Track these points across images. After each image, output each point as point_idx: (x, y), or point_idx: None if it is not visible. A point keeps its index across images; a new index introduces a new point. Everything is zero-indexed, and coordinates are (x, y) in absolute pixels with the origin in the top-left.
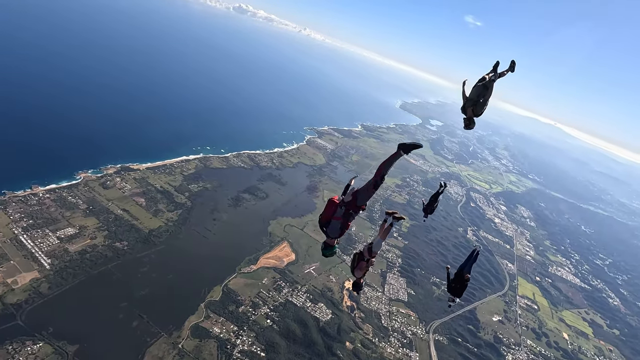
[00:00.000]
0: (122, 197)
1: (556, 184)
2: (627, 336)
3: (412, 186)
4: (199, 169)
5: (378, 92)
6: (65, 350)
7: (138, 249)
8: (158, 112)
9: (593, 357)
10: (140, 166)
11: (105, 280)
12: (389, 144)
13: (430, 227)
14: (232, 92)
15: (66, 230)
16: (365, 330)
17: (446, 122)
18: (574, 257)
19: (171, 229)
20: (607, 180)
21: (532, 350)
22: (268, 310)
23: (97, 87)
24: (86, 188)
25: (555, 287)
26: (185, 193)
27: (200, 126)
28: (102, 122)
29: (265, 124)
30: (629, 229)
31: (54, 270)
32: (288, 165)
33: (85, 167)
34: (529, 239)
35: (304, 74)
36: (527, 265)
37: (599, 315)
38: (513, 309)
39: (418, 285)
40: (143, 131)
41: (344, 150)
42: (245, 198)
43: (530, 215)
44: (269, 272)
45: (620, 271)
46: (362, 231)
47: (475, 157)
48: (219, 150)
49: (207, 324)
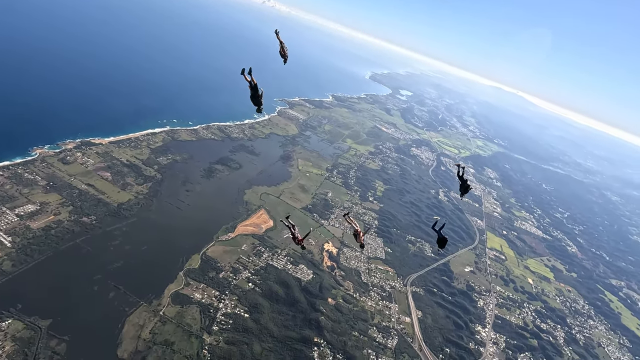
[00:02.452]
0: (85, 172)
1: (519, 147)
2: (584, 278)
3: (385, 153)
4: (167, 142)
5: (347, 64)
6: (38, 325)
7: (108, 223)
8: (120, 85)
9: (554, 297)
10: (103, 140)
11: (75, 254)
12: (361, 113)
13: (404, 190)
14: (198, 65)
15: (26, 207)
16: (346, 287)
17: (415, 92)
18: (537, 212)
19: (142, 201)
20: (565, 143)
21: (500, 295)
22: (249, 275)
23: (50, 58)
24: (44, 164)
25: (520, 239)
26: (154, 166)
27: (165, 99)
28: (58, 95)
29: (234, 96)
30: (584, 185)
31: (17, 248)
32: (260, 136)
33: (40, 143)
34: (495, 197)
35: (270, 46)
36: (494, 221)
37: (559, 262)
38: (483, 260)
39: (394, 243)
40: (104, 104)
41: (316, 120)
42: (218, 169)
43: (496, 176)
44: (248, 239)
45: (577, 223)
46: (339, 197)
47: (444, 125)
48: (186, 123)
49: (187, 291)
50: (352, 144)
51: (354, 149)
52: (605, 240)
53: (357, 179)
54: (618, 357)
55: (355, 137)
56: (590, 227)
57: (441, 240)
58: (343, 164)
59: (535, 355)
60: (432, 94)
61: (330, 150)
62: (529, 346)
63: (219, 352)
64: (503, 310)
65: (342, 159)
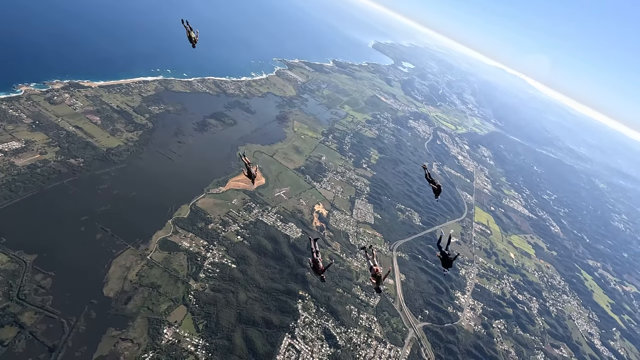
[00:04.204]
0: (73, 114)
1: (515, 129)
2: (563, 256)
3: (382, 122)
4: (159, 92)
5: (351, 30)
6: (23, 259)
7: (95, 166)
8: (112, 26)
9: (533, 272)
10: (92, 84)
11: (62, 195)
12: (361, 81)
13: (399, 160)
14: (195, 16)
15: (10, 143)
16: (334, 247)
17: (418, 65)
18: (525, 192)
19: (132, 148)
20: (560, 128)
21: (482, 266)
22: (238, 228)
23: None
24: (29, 102)
25: (507, 216)
26: (145, 114)
27: (159, 48)
28: (45, 33)
29: (232, 51)
30: (574, 171)
31: (1, 183)
32: (257, 94)
33: (26, 80)
34: (487, 175)
35: (274, 5)
36: (483, 197)
37: (542, 240)
38: (469, 232)
39: (384, 210)
40: (95, 46)
41: (314, 83)
42: (211, 123)
43: (490, 155)
44: (239, 194)
45: (563, 205)
46: (332, 161)
47: (443, 100)
48: (180, 74)
49: (175, 239)
50: (349, 110)
51: (352, 115)
52: (587, 224)
53: (352, 145)
54: (586, 329)
55: (354, 105)
56: (575, 210)
57: (447, 261)
58: (339, 129)
59: (509, 322)
60: (434, 68)
61: (327, 115)
62: (504, 314)
63: (205, 297)
64: (483, 280)
65: (338, 125)
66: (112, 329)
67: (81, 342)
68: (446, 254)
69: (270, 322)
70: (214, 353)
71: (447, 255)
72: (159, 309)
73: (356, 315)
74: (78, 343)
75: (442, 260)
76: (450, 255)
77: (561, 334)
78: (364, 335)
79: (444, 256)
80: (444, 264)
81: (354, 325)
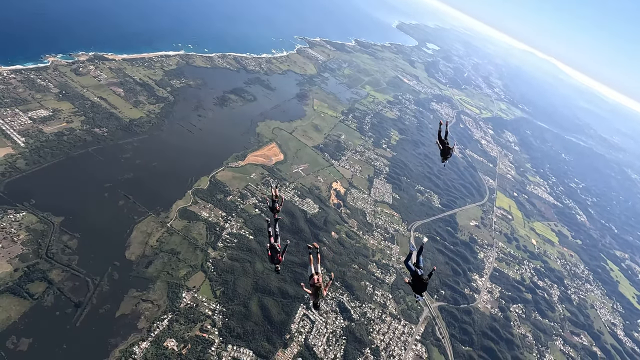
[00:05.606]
0: (97, 85)
1: (544, 115)
2: (588, 245)
3: (404, 104)
4: (180, 66)
5: (374, 10)
6: (51, 221)
7: (119, 136)
8: (135, 1)
9: (555, 259)
10: (116, 56)
11: (87, 162)
12: (383, 62)
13: (419, 142)
14: None
15: (38, 111)
16: (351, 224)
17: (443, 47)
18: (551, 180)
19: (153, 120)
20: (592, 116)
21: (502, 250)
22: (256, 201)
23: None
24: (56, 72)
25: (530, 202)
26: (167, 88)
27: (182, 23)
28: (72, 5)
29: (254, 28)
30: (605, 160)
31: (30, 149)
32: (277, 71)
33: (52, 51)
34: (511, 160)
35: None
36: (506, 183)
37: (566, 228)
38: (490, 217)
39: (403, 191)
40: (119, 19)
41: (335, 62)
42: (231, 99)
43: (515, 141)
44: (257, 169)
45: (591, 194)
46: (352, 140)
47: (468, 84)
48: (202, 50)
49: (195, 209)
50: (370, 90)
51: (373, 96)
52: (616, 214)
53: (372, 125)
54: (609, 319)
55: (375, 85)
56: (604, 200)
57: (420, 284)
58: (360, 109)
59: (527, 307)
60: (460, 51)
61: (347, 95)
62: (522, 299)
63: (222, 266)
64: (502, 265)
65: (359, 105)
66: (133, 290)
67: (105, 301)
68: (419, 275)
69: (285, 292)
70: (230, 318)
71: (420, 276)
72: (178, 274)
73: (371, 292)
74: (102, 301)
75: (412, 284)
76: (423, 276)
77: (582, 322)
78: (379, 311)
79: (415, 278)
80: (415, 289)
81: (368, 301)
